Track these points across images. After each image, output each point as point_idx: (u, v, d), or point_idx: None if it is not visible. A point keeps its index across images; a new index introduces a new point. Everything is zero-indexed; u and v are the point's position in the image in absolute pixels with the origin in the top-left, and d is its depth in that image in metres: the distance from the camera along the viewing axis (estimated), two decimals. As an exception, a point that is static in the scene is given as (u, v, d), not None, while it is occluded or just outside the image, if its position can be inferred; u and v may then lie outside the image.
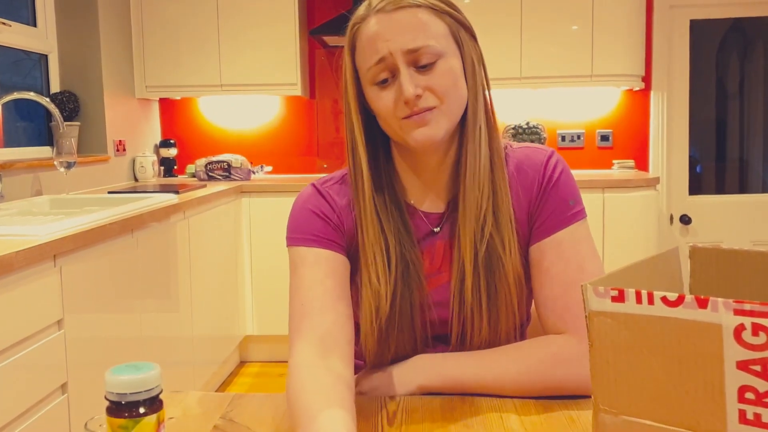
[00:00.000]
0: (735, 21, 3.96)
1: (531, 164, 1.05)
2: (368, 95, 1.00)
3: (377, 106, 0.99)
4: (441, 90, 0.96)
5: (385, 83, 0.97)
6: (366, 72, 0.98)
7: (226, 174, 3.80)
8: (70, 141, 2.71)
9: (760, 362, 0.56)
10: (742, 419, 0.58)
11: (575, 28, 3.62)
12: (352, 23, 1.01)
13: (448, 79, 0.97)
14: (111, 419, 0.66)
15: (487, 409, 0.92)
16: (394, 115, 0.97)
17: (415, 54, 0.95)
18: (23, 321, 1.67)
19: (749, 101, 4.03)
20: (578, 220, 1.03)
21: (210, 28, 3.73)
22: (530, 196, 1.04)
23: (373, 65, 0.97)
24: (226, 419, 0.91)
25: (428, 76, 0.96)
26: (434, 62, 0.96)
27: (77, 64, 3.41)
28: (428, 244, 1.05)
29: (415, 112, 0.96)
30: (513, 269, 1.01)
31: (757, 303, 0.56)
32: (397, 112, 0.97)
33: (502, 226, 1.01)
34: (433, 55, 0.96)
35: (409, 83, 0.94)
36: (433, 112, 0.96)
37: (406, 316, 1.02)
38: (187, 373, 2.83)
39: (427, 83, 0.96)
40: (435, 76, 0.96)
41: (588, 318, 0.67)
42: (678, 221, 3.98)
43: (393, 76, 0.97)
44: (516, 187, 1.04)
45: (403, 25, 0.96)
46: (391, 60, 0.95)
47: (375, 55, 0.96)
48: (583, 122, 3.99)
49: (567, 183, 1.04)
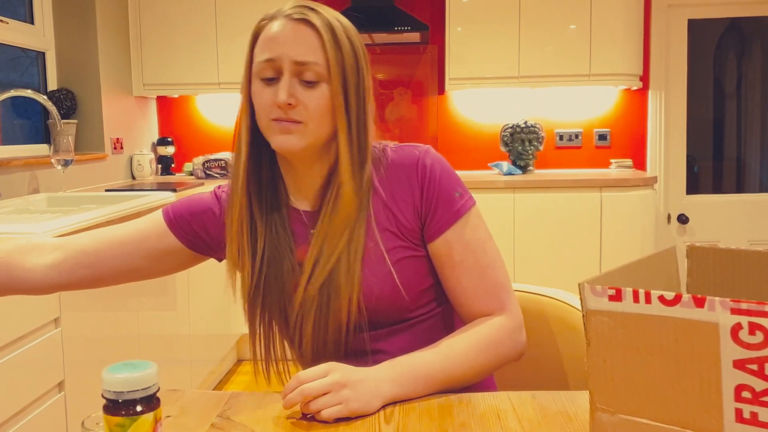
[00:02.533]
0: (732, 21, 3.96)
1: (406, 165, 1.10)
2: (253, 87, 1.07)
3: (256, 100, 1.06)
4: (312, 110, 1.03)
5: (270, 81, 1.04)
6: (256, 64, 1.05)
7: (224, 172, 3.80)
8: (67, 139, 2.70)
9: (757, 361, 0.56)
10: (739, 418, 0.58)
11: (573, 28, 3.62)
12: (262, 18, 1.08)
13: (322, 104, 1.03)
14: (108, 417, 0.66)
15: (485, 408, 0.92)
16: (267, 113, 1.04)
17: (302, 67, 1.02)
18: (20, 319, 1.67)
19: (746, 101, 4.04)
20: (469, 208, 1.09)
21: (208, 26, 3.73)
22: (414, 195, 1.08)
23: (263, 61, 1.04)
24: (224, 417, 0.91)
25: (307, 93, 1.03)
26: (317, 82, 1.03)
27: (74, 61, 3.40)
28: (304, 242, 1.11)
29: (283, 118, 1.03)
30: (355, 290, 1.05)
31: (754, 302, 0.56)
32: (269, 112, 1.04)
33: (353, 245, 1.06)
34: (317, 75, 1.03)
35: (284, 90, 1.01)
36: (298, 126, 1.03)
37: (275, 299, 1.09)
38: (184, 372, 2.83)
39: (303, 98, 1.02)
40: (312, 95, 1.03)
41: (585, 317, 0.67)
42: (675, 220, 3.99)
43: (277, 78, 1.04)
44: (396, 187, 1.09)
45: (300, 37, 1.03)
46: (279, 63, 1.03)
47: (267, 53, 1.03)
48: (581, 121, 4.00)
49: (447, 178, 1.09)
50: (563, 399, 0.95)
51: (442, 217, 1.08)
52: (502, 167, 3.74)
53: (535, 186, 3.47)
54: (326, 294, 1.06)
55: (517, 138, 3.78)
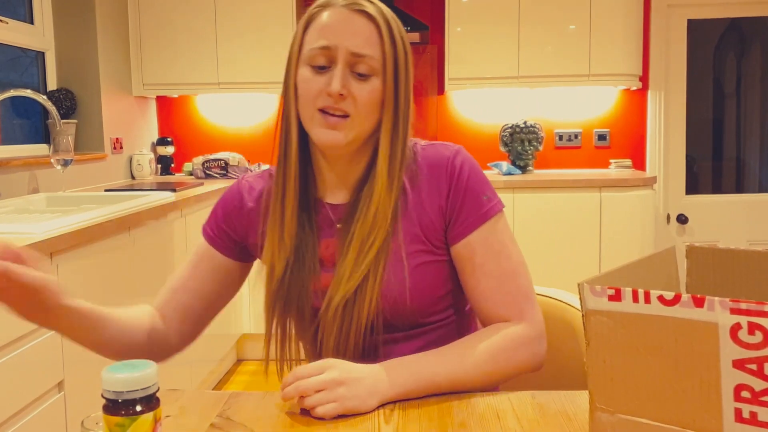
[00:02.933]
0: (732, 21, 3.96)
1: (437, 163, 1.08)
2: (299, 74, 1.04)
3: (302, 87, 1.03)
4: (362, 103, 1.02)
5: (321, 70, 1.02)
6: (308, 51, 1.03)
7: (224, 172, 3.80)
8: (66, 139, 2.70)
9: (756, 361, 0.56)
10: (738, 417, 0.58)
11: (573, 28, 3.62)
12: (315, 5, 1.06)
13: (372, 98, 1.02)
14: (107, 417, 0.66)
15: (484, 408, 0.92)
16: (313, 102, 1.02)
17: (358, 59, 1.01)
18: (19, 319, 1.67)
19: (746, 101, 4.04)
20: (496, 213, 1.07)
21: (207, 26, 3.72)
22: (441, 195, 1.07)
23: (317, 47, 1.02)
24: (223, 417, 0.91)
25: (358, 85, 1.02)
26: (369, 76, 1.02)
27: (74, 61, 3.40)
28: (330, 237, 1.09)
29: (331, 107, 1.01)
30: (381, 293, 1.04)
31: (753, 302, 0.56)
32: (316, 101, 1.02)
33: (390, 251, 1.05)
34: (371, 69, 1.02)
35: (339, 79, 1.00)
36: (345, 121, 1.02)
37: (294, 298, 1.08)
38: (184, 372, 2.83)
39: (354, 90, 1.01)
40: (363, 88, 1.02)
41: (585, 317, 0.67)
42: (675, 221, 3.99)
43: (329, 67, 1.02)
44: (424, 186, 1.08)
45: (358, 28, 1.02)
46: (335, 53, 1.01)
47: (323, 41, 1.01)
48: (581, 121, 4.00)
49: (477, 180, 1.08)
50: (563, 399, 0.95)
51: (467, 219, 1.06)
52: (501, 167, 3.74)
53: (535, 186, 3.47)
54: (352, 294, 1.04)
55: (517, 138, 3.78)
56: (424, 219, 1.07)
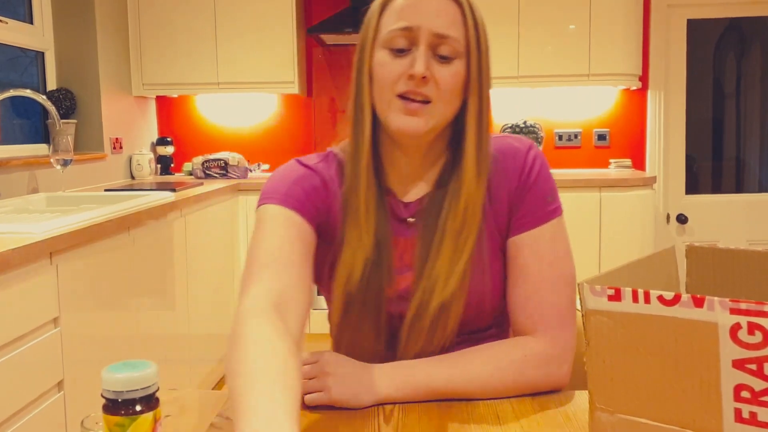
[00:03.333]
0: (732, 21, 3.96)
1: (510, 155, 1.03)
2: (376, 59, 0.98)
3: (380, 71, 0.97)
4: (445, 87, 0.96)
5: (400, 53, 0.96)
6: (387, 33, 0.96)
7: (223, 172, 3.79)
8: (66, 138, 2.70)
9: (756, 361, 0.56)
10: (738, 418, 0.58)
11: (573, 28, 3.62)
12: None
13: (456, 82, 0.96)
14: (107, 417, 0.66)
15: (484, 408, 0.92)
16: (392, 87, 0.96)
17: (441, 41, 0.95)
18: (19, 319, 1.67)
19: (746, 101, 4.04)
20: (555, 217, 1.03)
21: (207, 26, 3.72)
22: (510, 188, 1.02)
23: (397, 29, 0.95)
24: (223, 417, 0.91)
25: (440, 68, 0.95)
26: (452, 59, 0.96)
27: (74, 61, 3.40)
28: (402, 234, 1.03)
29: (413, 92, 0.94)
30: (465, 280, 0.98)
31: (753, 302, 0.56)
32: (396, 86, 0.95)
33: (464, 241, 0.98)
34: (453, 51, 0.96)
35: (422, 61, 0.94)
36: (427, 107, 0.95)
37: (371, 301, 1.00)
38: (184, 371, 2.83)
39: (437, 74, 0.95)
40: (446, 71, 0.96)
41: (584, 317, 0.67)
42: (674, 220, 3.99)
43: (409, 50, 0.96)
44: (495, 178, 1.02)
45: (442, 8, 0.95)
46: (416, 34, 0.95)
47: (403, 22, 0.95)
48: (580, 121, 4.00)
49: (545, 179, 1.04)
50: (562, 399, 0.95)
51: (524, 217, 1.01)
52: (501, 167, 3.73)
53: (535, 186, 3.46)
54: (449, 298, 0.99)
55: (517, 138, 3.78)
56: (498, 215, 1.02)
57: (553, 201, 1.03)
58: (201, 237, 3.04)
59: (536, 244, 1.00)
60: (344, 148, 1.07)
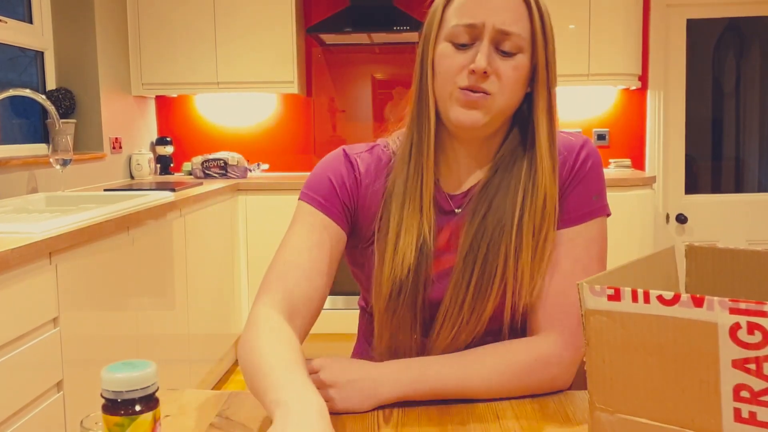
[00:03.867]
0: (731, 20, 3.96)
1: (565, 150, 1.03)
2: (438, 50, 0.99)
3: (442, 63, 0.98)
4: (505, 81, 0.96)
5: (462, 47, 0.97)
6: (451, 27, 0.97)
7: (223, 172, 3.79)
8: (66, 138, 2.70)
9: (755, 361, 0.56)
10: (737, 417, 0.58)
11: (572, 27, 3.62)
12: None
13: (516, 75, 0.97)
14: (107, 417, 0.66)
15: (484, 408, 0.92)
16: (453, 79, 0.97)
17: (504, 37, 0.95)
18: (19, 318, 1.67)
19: (745, 100, 4.04)
20: (597, 217, 1.02)
21: (207, 25, 3.72)
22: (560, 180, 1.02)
23: (461, 24, 0.96)
24: (223, 417, 0.91)
25: (503, 62, 0.96)
26: (514, 54, 0.97)
27: (73, 61, 3.40)
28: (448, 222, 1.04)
29: (474, 86, 0.96)
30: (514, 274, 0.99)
31: (753, 302, 0.56)
32: (457, 78, 0.97)
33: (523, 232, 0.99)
34: (516, 47, 0.96)
35: (484, 57, 0.94)
36: (486, 99, 0.96)
37: (414, 288, 1.01)
38: (183, 371, 2.83)
39: (498, 68, 0.96)
40: (508, 66, 0.96)
41: (584, 316, 0.67)
42: (674, 220, 3.99)
43: (471, 45, 0.97)
44: None
45: (506, 3, 0.96)
46: (480, 30, 0.95)
47: (468, 18, 0.96)
48: (580, 121, 4.00)
49: (596, 176, 1.04)
50: (562, 398, 0.95)
51: (567, 213, 1.01)
52: (501, 167, 3.74)
53: (534, 186, 3.46)
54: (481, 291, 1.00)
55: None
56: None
57: (599, 200, 1.03)
58: (200, 237, 3.04)
59: (574, 242, 1.01)
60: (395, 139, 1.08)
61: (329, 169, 1.07)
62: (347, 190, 1.05)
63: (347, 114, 4.08)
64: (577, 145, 1.04)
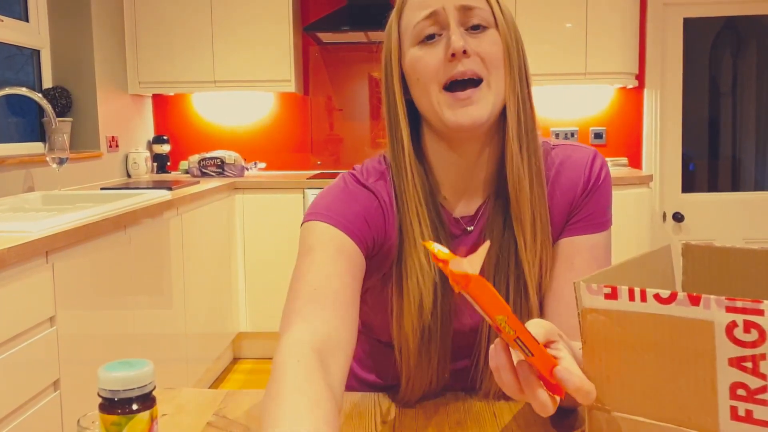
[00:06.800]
0: (728, 19, 3.97)
1: (574, 165, 0.99)
2: (409, 60, 0.92)
3: (417, 67, 0.91)
4: (489, 58, 0.89)
5: (431, 39, 0.90)
6: (412, 29, 0.91)
7: (220, 170, 3.79)
8: (62, 137, 2.69)
9: (752, 359, 0.56)
10: (734, 415, 0.58)
11: (569, 26, 3.63)
12: None
13: (498, 50, 0.90)
14: (103, 416, 0.66)
15: (481, 407, 0.92)
16: (435, 78, 0.89)
17: (469, 12, 0.89)
18: (15, 317, 1.66)
19: (742, 99, 4.05)
20: (609, 227, 1.01)
21: (204, 24, 3.72)
22: (572, 198, 0.98)
23: (421, 20, 0.90)
24: (220, 416, 0.91)
25: (478, 40, 0.89)
26: (485, 28, 0.90)
27: (70, 59, 3.39)
28: (461, 244, 0.97)
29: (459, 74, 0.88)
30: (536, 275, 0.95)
31: (749, 300, 0.56)
32: (439, 75, 0.89)
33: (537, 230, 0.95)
34: (484, 20, 0.90)
35: (458, 35, 0.88)
36: (479, 89, 0.89)
37: (447, 318, 0.94)
38: (181, 370, 2.82)
39: (476, 47, 0.89)
40: (485, 42, 0.90)
41: (581, 315, 0.67)
42: (671, 219, 4.00)
43: (440, 34, 0.90)
44: (557, 188, 0.98)
45: None
46: (443, 15, 0.89)
47: (425, 9, 0.90)
48: (577, 120, 4.00)
49: (608, 189, 1.01)
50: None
51: (584, 220, 0.98)
52: (498, 165, 3.74)
53: (531, 184, 3.46)
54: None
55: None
56: (555, 220, 0.98)
57: (609, 211, 1.01)
58: (197, 236, 3.04)
59: (594, 249, 0.98)
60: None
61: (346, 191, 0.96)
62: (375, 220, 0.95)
63: (344, 113, 4.07)
64: (591, 155, 1.00)
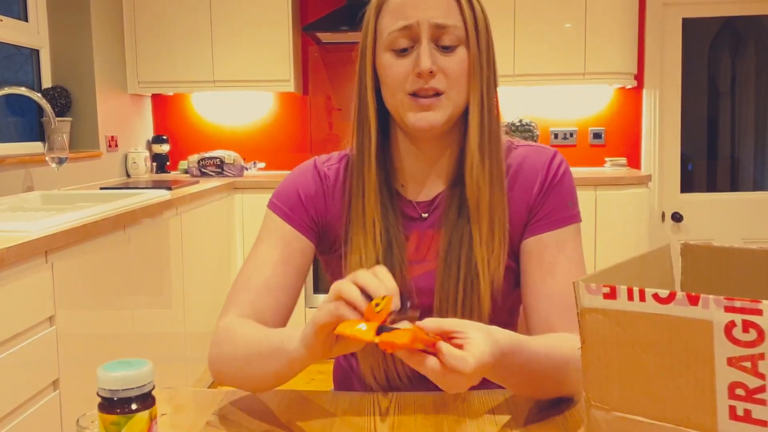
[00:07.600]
0: (727, 19, 3.97)
1: (533, 164, 1.04)
2: (381, 62, 0.99)
3: (387, 74, 0.98)
4: (453, 76, 0.96)
5: (403, 53, 0.97)
6: (387, 36, 0.97)
7: (219, 170, 3.79)
8: (61, 136, 2.69)
9: (750, 359, 0.57)
10: (733, 415, 0.58)
11: (568, 26, 3.63)
12: None
13: (463, 68, 0.97)
14: (103, 416, 0.66)
15: (479, 404, 0.93)
16: (402, 87, 0.97)
17: (441, 31, 0.96)
18: (15, 317, 1.66)
19: (741, 99, 4.05)
20: (575, 222, 1.03)
21: (203, 24, 3.72)
22: (530, 196, 1.02)
23: (396, 30, 0.96)
24: (219, 415, 0.91)
25: (446, 58, 0.96)
26: (455, 47, 0.97)
27: (69, 59, 3.39)
28: (415, 229, 1.04)
29: (423, 90, 0.96)
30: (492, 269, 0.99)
31: (748, 300, 0.56)
32: (405, 85, 0.97)
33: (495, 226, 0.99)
34: (456, 39, 0.96)
35: (427, 56, 0.95)
36: (440, 99, 0.96)
37: None
38: (180, 370, 2.82)
39: (443, 65, 0.96)
40: (452, 60, 0.96)
41: (580, 315, 0.67)
42: (670, 219, 4.00)
43: (412, 48, 0.97)
44: (515, 187, 1.03)
45: (437, 1, 0.96)
46: (416, 30, 0.95)
47: (401, 21, 0.96)
48: (576, 120, 4.00)
49: (569, 184, 1.04)
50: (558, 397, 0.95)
51: (547, 217, 1.01)
52: (497, 165, 3.74)
53: (530, 184, 3.46)
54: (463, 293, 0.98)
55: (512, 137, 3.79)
56: (513, 220, 1.02)
57: (574, 207, 1.03)
58: (197, 235, 3.04)
59: (561, 244, 1.01)
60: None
61: (299, 182, 1.08)
62: (314, 203, 1.06)
63: (344, 112, 4.07)
64: (550, 155, 1.05)
